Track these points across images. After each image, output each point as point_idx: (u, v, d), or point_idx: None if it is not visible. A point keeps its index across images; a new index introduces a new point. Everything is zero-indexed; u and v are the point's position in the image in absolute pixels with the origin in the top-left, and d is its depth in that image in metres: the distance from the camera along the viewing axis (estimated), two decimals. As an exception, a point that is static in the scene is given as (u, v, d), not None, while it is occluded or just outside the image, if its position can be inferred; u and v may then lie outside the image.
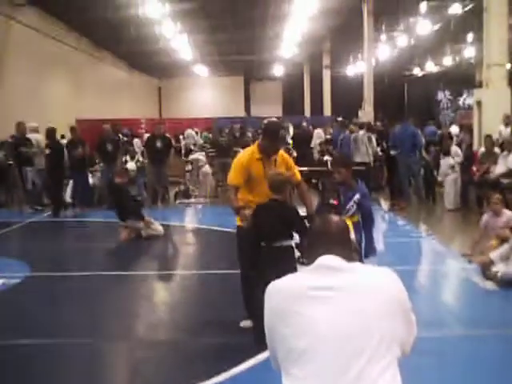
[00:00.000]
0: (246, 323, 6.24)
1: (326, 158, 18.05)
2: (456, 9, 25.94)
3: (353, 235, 6.05)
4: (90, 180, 16.72)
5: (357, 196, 6.34)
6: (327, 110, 40.70)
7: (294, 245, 5.83)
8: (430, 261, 9.86)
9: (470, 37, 32.21)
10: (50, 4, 24.03)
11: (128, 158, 17.51)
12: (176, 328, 6.99)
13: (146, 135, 20.24)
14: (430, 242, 11.15)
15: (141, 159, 18.01)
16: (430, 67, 41.82)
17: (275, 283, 2.72)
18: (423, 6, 26.62)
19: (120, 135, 20.89)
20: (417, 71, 44.95)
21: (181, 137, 27.80)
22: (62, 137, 22.31)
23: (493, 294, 7.62)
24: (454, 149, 15.48)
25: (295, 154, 17.85)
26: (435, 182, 16.09)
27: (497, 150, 14.49)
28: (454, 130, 23.62)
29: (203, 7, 26.88)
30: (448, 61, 39.19)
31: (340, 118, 29.15)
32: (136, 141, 23.31)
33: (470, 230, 10.27)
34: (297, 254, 5.81)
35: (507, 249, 8.10)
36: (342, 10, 28.85)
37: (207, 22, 30.49)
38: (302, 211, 6.41)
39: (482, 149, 14.91)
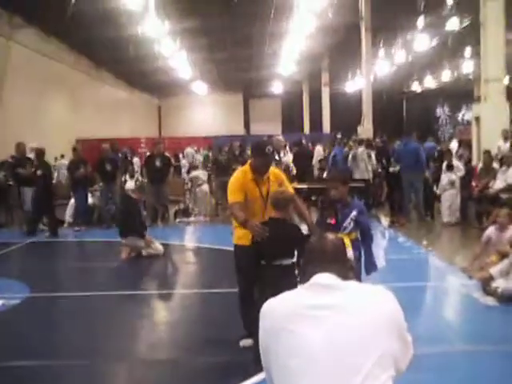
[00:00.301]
0: (246, 342, 6.20)
1: (326, 174, 18.09)
2: (454, 24, 26.08)
3: (350, 253, 6.04)
4: (90, 199, 16.71)
5: (354, 213, 6.29)
6: (326, 127, 40.83)
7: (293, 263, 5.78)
8: (431, 277, 9.85)
9: (468, 52, 32.35)
10: (49, 24, 24.18)
11: (127, 177, 17.52)
12: (176, 347, 6.97)
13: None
14: (430, 258, 11.12)
15: (140, 178, 18.03)
16: (429, 83, 41.96)
17: (269, 303, 2.72)
18: (421, 22, 26.77)
19: (119, 154, 20.94)
20: (415, 87, 45.12)
21: (180, 155, 27.90)
22: (62, 156, 22.41)
23: (493, 310, 7.60)
24: (456, 163, 15.45)
25: (295, 171, 17.84)
26: (434, 198, 16.07)
27: (495, 165, 14.50)
28: (454, 145, 23.67)
29: (202, 25, 27.08)
30: (446, 76, 39.36)
31: (339, 135, 29.24)
32: (136, 160, 23.39)
33: (470, 246, 10.27)
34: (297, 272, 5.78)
35: (507, 264, 8.09)
36: (339, 28, 29.03)
37: (206, 40, 30.72)
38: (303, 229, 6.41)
39: (481, 164, 14.92)
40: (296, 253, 5.80)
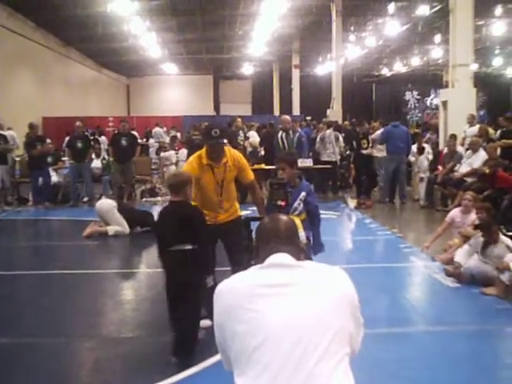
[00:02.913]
0: (204, 323, 6.15)
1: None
2: (424, 10, 26.24)
3: (303, 234, 6.01)
4: (55, 178, 16.51)
5: (302, 194, 6.25)
6: (296, 110, 40.79)
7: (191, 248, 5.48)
8: (395, 258, 9.89)
9: (437, 38, 32.57)
10: (18, 1, 23.79)
11: (94, 155, 17.33)
12: (141, 325, 6.93)
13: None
14: (395, 239, 11.20)
15: (106, 157, 17.87)
16: (398, 67, 42.21)
17: (225, 282, 2.69)
18: (391, 7, 26.86)
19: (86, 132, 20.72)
20: (385, 71, 45.35)
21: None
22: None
23: (454, 291, 7.69)
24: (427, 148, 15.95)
25: (263, 152, 17.85)
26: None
27: (460, 148, 14.67)
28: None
29: (172, 5, 26.83)
30: (416, 61, 39.61)
31: (309, 118, 29.27)
32: (103, 138, 23.17)
33: (435, 228, 10.34)
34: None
35: (469, 247, 8.17)
36: (311, 10, 28.96)
37: (176, 21, 30.44)
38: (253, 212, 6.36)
39: (447, 148, 15.09)
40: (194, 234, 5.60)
